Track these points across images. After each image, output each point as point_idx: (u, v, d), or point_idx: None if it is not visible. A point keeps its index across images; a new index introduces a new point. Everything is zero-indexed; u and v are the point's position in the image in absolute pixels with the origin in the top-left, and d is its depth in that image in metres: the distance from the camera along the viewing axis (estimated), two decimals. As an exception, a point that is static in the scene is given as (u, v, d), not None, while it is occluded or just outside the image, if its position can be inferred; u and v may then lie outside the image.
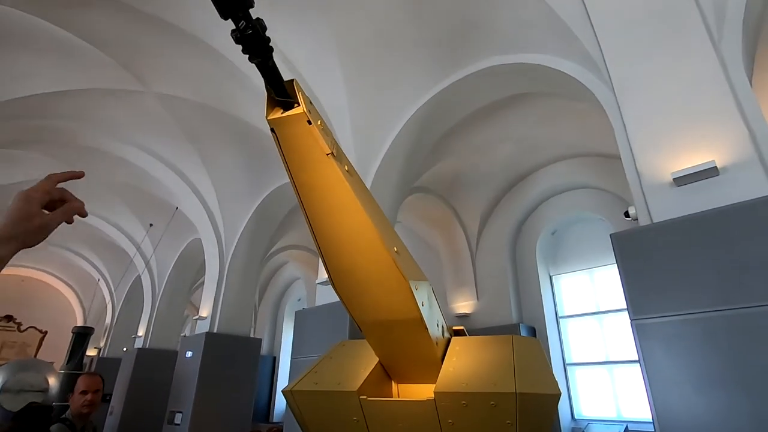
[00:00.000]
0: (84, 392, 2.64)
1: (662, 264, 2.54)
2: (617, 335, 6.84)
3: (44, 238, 0.83)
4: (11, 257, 0.77)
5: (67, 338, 10.13)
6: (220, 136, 6.84)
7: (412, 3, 4.38)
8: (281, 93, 1.16)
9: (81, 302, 15.36)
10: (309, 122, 1.20)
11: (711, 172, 2.55)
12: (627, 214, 3.05)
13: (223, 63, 5.27)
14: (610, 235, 2.85)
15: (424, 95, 5.22)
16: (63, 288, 15.44)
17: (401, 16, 4.52)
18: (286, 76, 1.14)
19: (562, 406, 6.87)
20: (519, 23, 4.19)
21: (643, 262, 2.62)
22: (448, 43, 4.71)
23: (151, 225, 9.62)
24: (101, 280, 13.16)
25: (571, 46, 3.83)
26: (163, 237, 9.58)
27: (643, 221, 2.82)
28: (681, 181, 2.64)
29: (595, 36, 3.34)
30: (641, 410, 6.12)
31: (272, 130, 1.24)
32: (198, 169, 7.41)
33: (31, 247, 0.81)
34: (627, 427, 6.10)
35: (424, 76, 5.09)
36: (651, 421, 2.42)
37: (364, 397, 1.87)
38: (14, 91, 5.71)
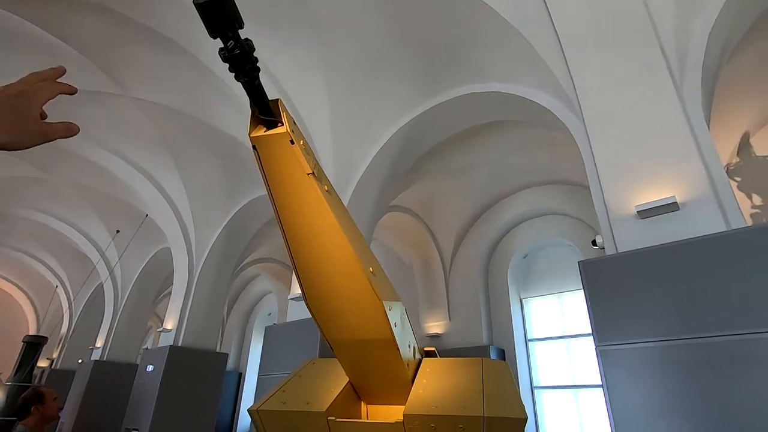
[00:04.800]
0: (56, 398, 2.84)
1: (627, 292, 2.65)
2: (583, 359, 6.98)
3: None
4: None
5: (17, 347, 9.55)
6: (197, 145, 6.74)
7: (399, 30, 4.51)
8: (265, 112, 1.17)
9: (35, 309, 14.52)
10: (291, 142, 1.21)
11: (672, 207, 2.70)
12: (594, 243, 3.17)
13: (205, 73, 5.25)
14: (579, 262, 2.95)
15: (405, 117, 5.33)
16: (16, 293, 14.57)
17: (387, 42, 4.64)
18: (270, 91, 1.16)
19: (529, 429, 6.91)
20: (498, 55, 4.37)
21: (608, 290, 2.73)
22: (429, 69, 4.85)
23: (117, 231, 9.28)
24: (59, 287, 12.51)
25: (546, 80, 4.01)
26: (129, 245, 9.25)
27: (609, 250, 2.95)
28: (644, 214, 2.79)
29: (569, 73, 3.52)
30: (604, 435, 6.23)
31: (254, 147, 1.25)
32: (172, 177, 7.25)
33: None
34: (590, 451, 6.19)
35: (406, 99, 5.21)
36: (613, 446, 2.48)
37: (333, 418, 1.85)
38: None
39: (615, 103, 3.21)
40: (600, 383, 2.63)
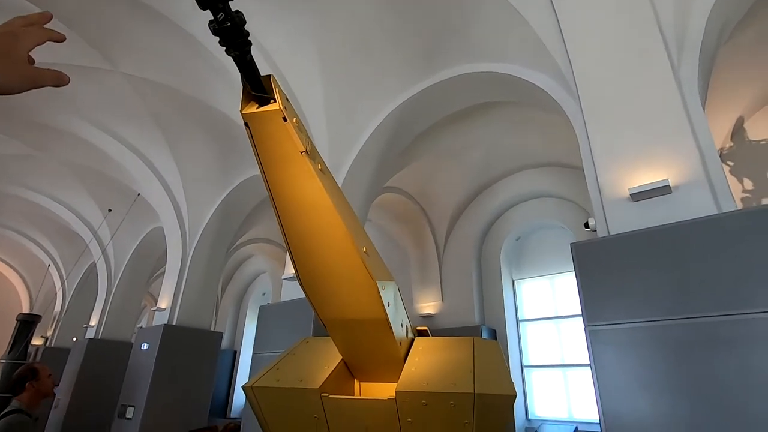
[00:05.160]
0: (50, 375, 2.85)
1: (617, 274, 2.69)
2: (572, 340, 7.13)
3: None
4: None
5: (11, 326, 9.57)
6: (189, 122, 6.62)
7: (395, 6, 4.40)
8: (258, 88, 1.14)
9: (28, 288, 14.48)
10: (284, 119, 1.19)
11: (664, 189, 2.71)
12: (587, 225, 3.19)
13: (198, 48, 5.11)
14: (571, 244, 2.97)
15: (400, 96, 5.26)
16: (8, 272, 14.49)
17: (383, 18, 4.53)
18: (262, 66, 1.13)
19: (518, 407, 7.10)
20: (496, 34, 4.29)
21: (599, 272, 2.76)
22: (426, 47, 4.76)
23: (109, 210, 9.19)
24: (52, 266, 12.44)
25: (543, 61, 3.96)
26: (122, 224, 9.18)
27: (602, 233, 2.97)
28: (637, 196, 2.80)
29: (567, 54, 3.47)
30: (591, 412, 6.42)
31: (246, 124, 1.23)
32: (164, 155, 7.15)
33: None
34: (577, 427, 6.38)
35: (401, 77, 5.12)
36: (599, 422, 2.55)
37: (326, 394, 1.88)
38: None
39: (612, 85, 3.18)
40: (588, 362, 2.69)
